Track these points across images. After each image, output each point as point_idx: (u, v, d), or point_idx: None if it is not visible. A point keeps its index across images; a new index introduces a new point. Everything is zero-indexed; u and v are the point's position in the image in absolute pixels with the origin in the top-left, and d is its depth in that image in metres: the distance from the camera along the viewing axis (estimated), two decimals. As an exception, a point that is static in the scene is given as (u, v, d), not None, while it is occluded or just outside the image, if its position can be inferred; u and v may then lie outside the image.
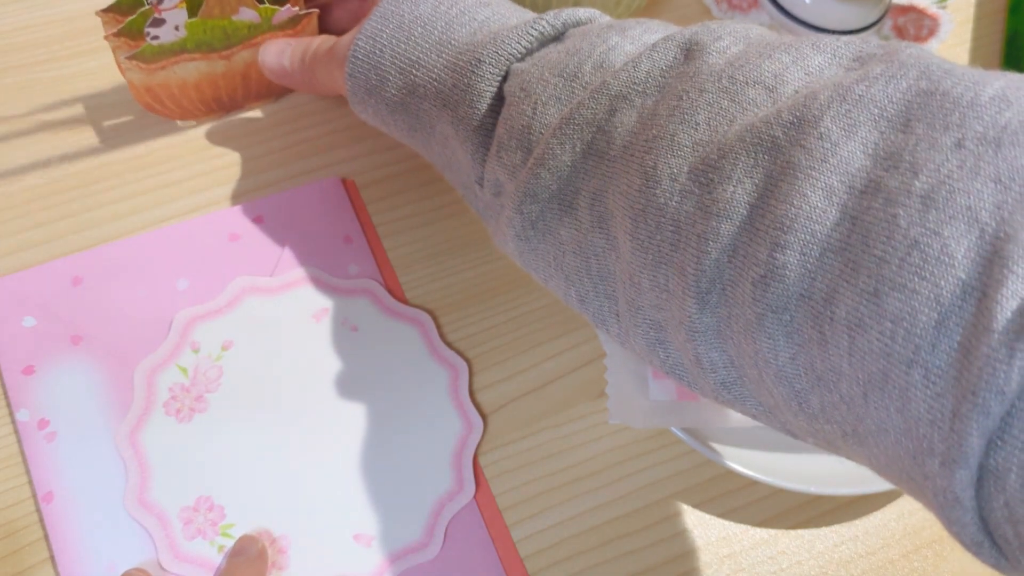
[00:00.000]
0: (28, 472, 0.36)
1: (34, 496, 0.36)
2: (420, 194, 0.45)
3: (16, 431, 0.37)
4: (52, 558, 0.35)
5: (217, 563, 0.35)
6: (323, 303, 0.40)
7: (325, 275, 0.41)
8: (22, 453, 0.36)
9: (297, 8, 0.41)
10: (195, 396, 0.38)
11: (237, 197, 0.43)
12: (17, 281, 0.39)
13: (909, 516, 0.40)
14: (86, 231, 0.42)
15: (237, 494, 0.36)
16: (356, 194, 0.44)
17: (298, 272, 0.41)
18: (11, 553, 0.35)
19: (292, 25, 0.41)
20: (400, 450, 0.37)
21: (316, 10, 0.42)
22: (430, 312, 0.41)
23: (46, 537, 0.35)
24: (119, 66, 0.40)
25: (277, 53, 0.40)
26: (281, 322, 0.39)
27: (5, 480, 0.36)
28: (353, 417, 0.38)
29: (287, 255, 0.41)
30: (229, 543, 0.35)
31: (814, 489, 0.37)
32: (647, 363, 0.33)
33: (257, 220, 0.42)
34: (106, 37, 0.39)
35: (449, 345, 0.40)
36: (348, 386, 0.39)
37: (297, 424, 0.38)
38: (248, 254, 0.41)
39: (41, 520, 0.35)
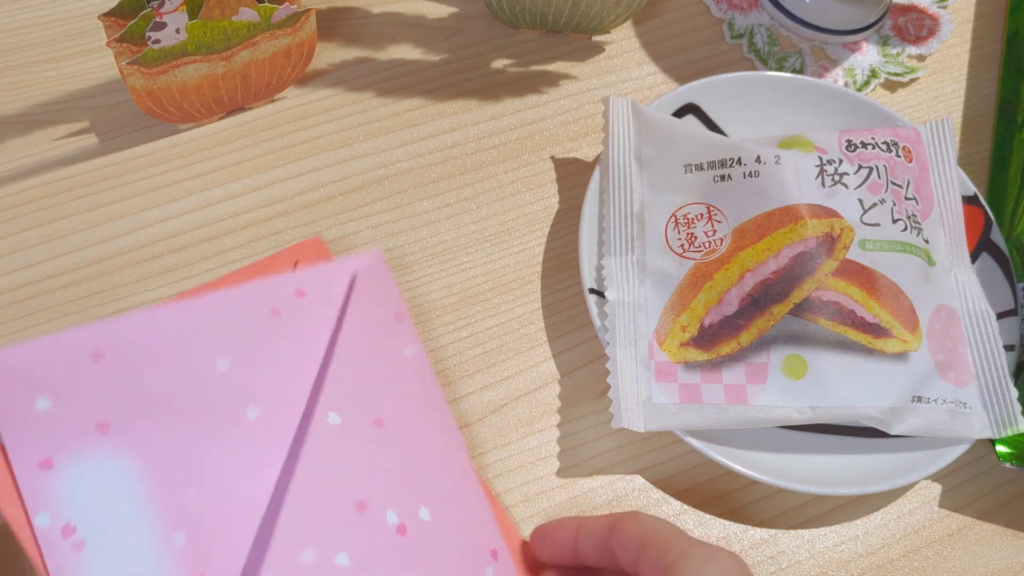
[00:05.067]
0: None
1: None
2: (420, 194, 0.45)
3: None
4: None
5: None
6: None
7: None
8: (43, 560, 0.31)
9: (296, 6, 0.41)
10: None
11: (236, 197, 0.43)
12: (24, 353, 0.31)
13: (909, 516, 0.40)
14: (86, 231, 0.42)
15: None
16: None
17: None
18: (11, 553, 0.35)
19: (291, 23, 0.41)
20: None
21: (314, 8, 0.42)
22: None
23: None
24: (121, 72, 0.40)
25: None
26: None
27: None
28: None
29: (343, 339, 0.35)
30: None
31: (814, 489, 0.37)
32: None
33: (299, 295, 0.36)
34: (108, 44, 0.39)
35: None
36: None
37: None
38: (291, 332, 0.35)
39: None
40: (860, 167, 0.40)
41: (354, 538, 0.31)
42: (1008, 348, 0.41)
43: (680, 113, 0.45)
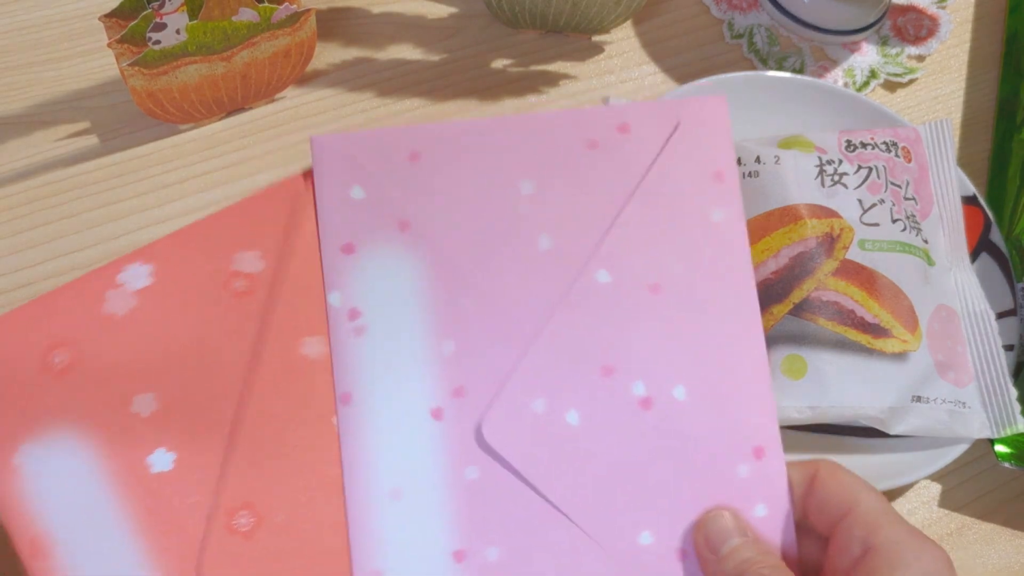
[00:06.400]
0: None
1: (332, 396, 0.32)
2: (420, 194, 0.45)
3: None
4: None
5: None
6: None
7: None
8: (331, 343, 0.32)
9: (295, 6, 0.41)
10: None
11: (237, 198, 0.43)
12: (352, 143, 0.33)
13: (908, 516, 0.40)
14: (86, 231, 0.42)
15: None
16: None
17: None
18: (11, 553, 0.35)
19: (291, 23, 0.41)
20: None
21: (314, 8, 0.42)
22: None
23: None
24: (122, 73, 0.40)
25: None
26: None
27: (6, 481, 0.36)
28: None
29: (647, 184, 0.33)
30: None
31: (814, 489, 0.37)
32: None
33: (622, 129, 0.34)
34: (109, 44, 0.39)
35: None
36: None
37: None
38: (604, 169, 0.33)
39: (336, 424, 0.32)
40: (859, 167, 0.40)
41: (590, 400, 0.31)
42: (1007, 348, 0.41)
43: (680, 113, 0.45)
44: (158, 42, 0.39)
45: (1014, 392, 0.39)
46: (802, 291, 0.38)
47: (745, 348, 0.32)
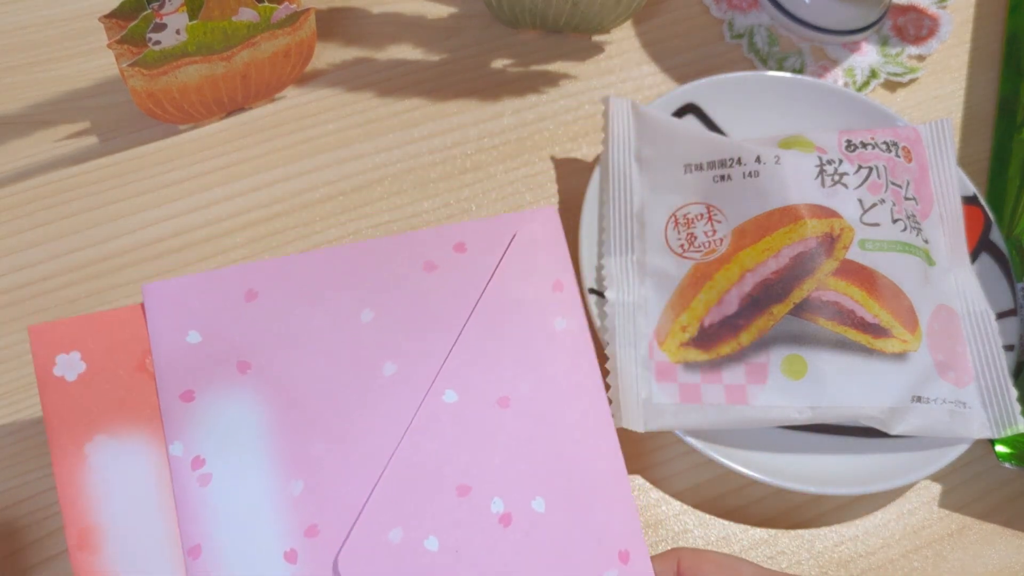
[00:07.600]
0: (178, 518, 0.31)
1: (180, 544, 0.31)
2: (420, 194, 0.45)
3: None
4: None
5: None
6: None
7: None
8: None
9: (295, 6, 0.41)
10: None
11: (237, 198, 0.43)
12: (184, 287, 0.33)
13: (909, 516, 0.40)
14: (86, 231, 0.42)
15: None
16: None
17: None
18: (11, 553, 0.35)
19: (290, 23, 0.41)
20: None
21: (313, 8, 0.42)
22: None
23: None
24: (122, 73, 0.40)
25: None
26: None
27: (5, 480, 0.36)
28: None
29: (487, 299, 0.34)
30: None
31: (814, 489, 0.37)
32: None
33: (458, 248, 0.34)
34: (109, 45, 0.39)
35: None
36: None
37: None
38: (443, 290, 0.34)
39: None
40: (860, 167, 0.40)
41: (448, 523, 0.31)
42: (1008, 348, 0.41)
43: (680, 113, 0.45)
44: (158, 42, 0.39)
45: (1014, 392, 0.39)
46: (802, 291, 0.38)
47: (600, 452, 0.32)
